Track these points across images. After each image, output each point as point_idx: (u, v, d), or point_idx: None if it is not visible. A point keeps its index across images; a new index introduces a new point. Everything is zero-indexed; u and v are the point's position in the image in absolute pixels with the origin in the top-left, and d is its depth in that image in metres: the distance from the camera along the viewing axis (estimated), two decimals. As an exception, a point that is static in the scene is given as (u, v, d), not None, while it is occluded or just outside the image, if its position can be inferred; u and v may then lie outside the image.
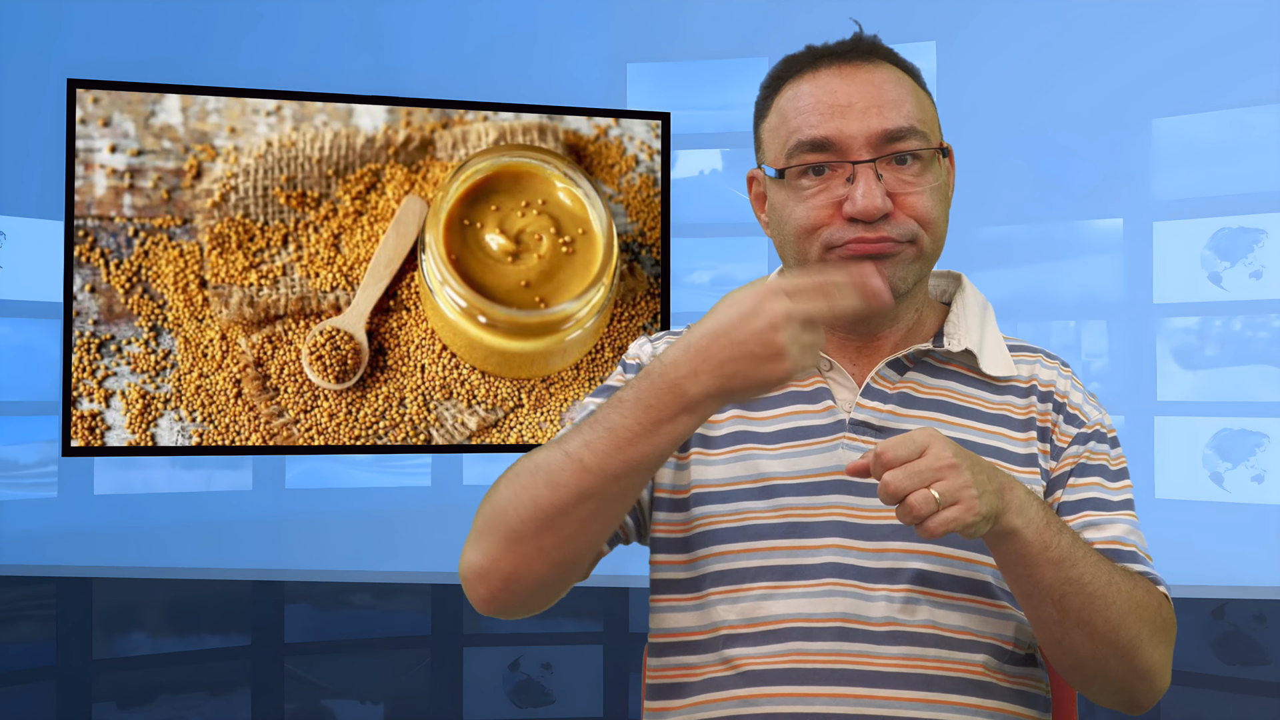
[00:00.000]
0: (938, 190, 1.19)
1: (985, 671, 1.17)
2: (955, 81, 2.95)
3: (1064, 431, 1.23)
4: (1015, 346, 1.29)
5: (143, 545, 3.03)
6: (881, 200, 1.15)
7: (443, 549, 3.11)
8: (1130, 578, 1.14)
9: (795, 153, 1.19)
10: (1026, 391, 1.25)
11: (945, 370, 1.25)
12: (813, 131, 1.18)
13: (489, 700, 3.16)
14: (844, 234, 1.17)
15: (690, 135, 2.99)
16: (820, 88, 1.19)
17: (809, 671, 1.14)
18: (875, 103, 1.17)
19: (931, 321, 1.28)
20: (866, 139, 1.17)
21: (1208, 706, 2.89)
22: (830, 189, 1.18)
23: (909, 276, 1.20)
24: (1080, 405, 1.25)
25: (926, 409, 1.22)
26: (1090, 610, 1.09)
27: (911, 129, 1.18)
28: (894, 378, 1.23)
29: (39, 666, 3.08)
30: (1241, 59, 2.83)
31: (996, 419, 1.23)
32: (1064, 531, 1.10)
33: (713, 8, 3.10)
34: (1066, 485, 1.22)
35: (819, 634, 1.15)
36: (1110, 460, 1.24)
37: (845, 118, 1.17)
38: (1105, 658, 1.12)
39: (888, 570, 1.16)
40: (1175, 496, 2.84)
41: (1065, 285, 2.99)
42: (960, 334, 1.24)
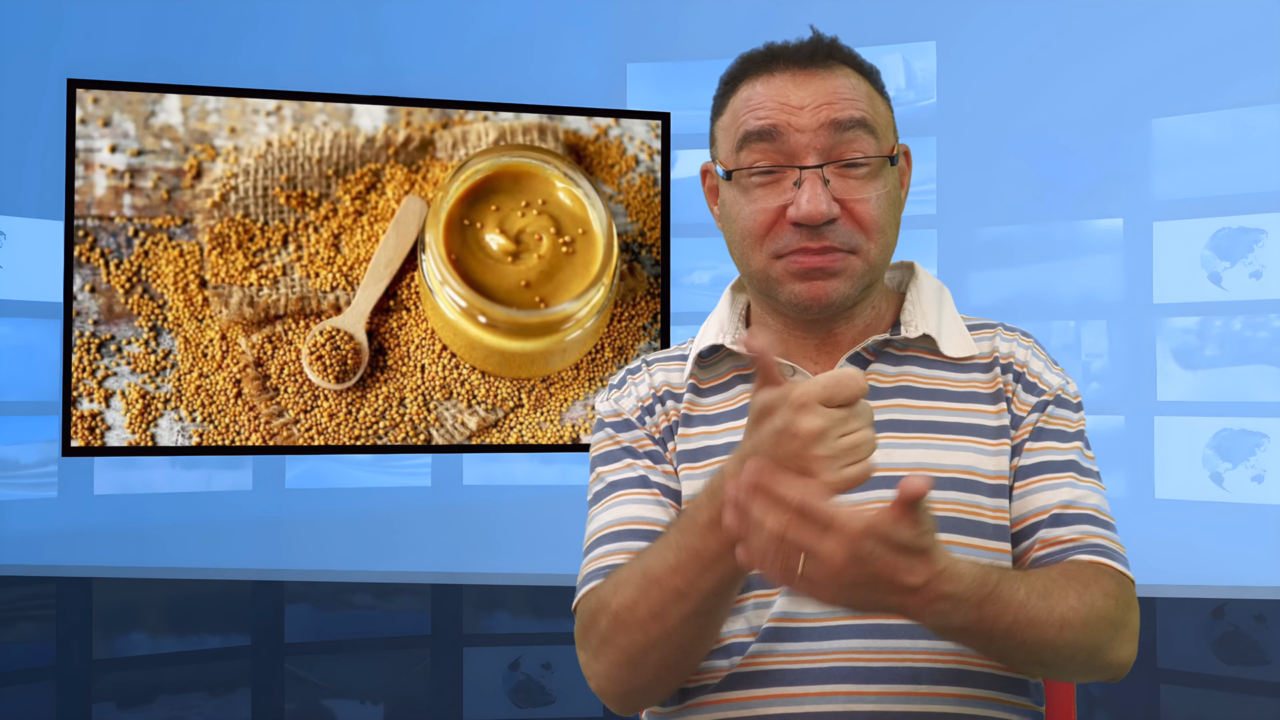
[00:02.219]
0: (886, 197, 1.20)
1: (972, 660, 1.16)
2: (955, 81, 2.95)
3: (1022, 400, 1.23)
4: (974, 325, 1.29)
5: (143, 545, 3.03)
6: (827, 205, 1.17)
7: (443, 549, 3.12)
8: (1076, 588, 1.09)
9: (743, 144, 1.20)
10: (989, 365, 1.25)
11: (905, 357, 1.25)
12: (759, 122, 1.19)
13: (489, 700, 3.16)
14: (789, 241, 1.18)
15: (690, 135, 2.98)
16: (773, 89, 1.20)
17: (799, 672, 1.15)
18: (826, 100, 1.19)
19: (889, 313, 1.29)
20: (814, 133, 1.17)
21: (1208, 706, 2.89)
22: (778, 191, 1.19)
23: (854, 291, 1.21)
24: (1040, 373, 1.25)
25: (892, 396, 1.22)
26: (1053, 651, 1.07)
27: (861, 121, 1.18)
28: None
29: (39, 666, 3.08)
30: (1241, 59, 2.83)
31: (965, 396, 1.23)
32: (998, 585, 1.02)
33: (713, 8, 3.10)
34: (1023, 451, 1.21)
35: (806, 634, 1.15)
36: (1070, 424, 1.24)
37: (795, 114, 1.18)
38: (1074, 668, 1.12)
39: None
40: (1175, 496, 2.84)
41: (1065, 285, 2.99)
42: (916, 320, 1.25)
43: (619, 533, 1.20)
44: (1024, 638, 1.04)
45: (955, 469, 1.18)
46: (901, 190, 1.27)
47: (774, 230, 1.19)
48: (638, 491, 1.22)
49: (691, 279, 3.03)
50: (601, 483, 1.26)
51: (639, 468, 1.24)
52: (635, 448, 1.26)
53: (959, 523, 1.17)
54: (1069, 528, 1.18)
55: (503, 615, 3.29)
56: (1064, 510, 1.19)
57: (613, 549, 1.19)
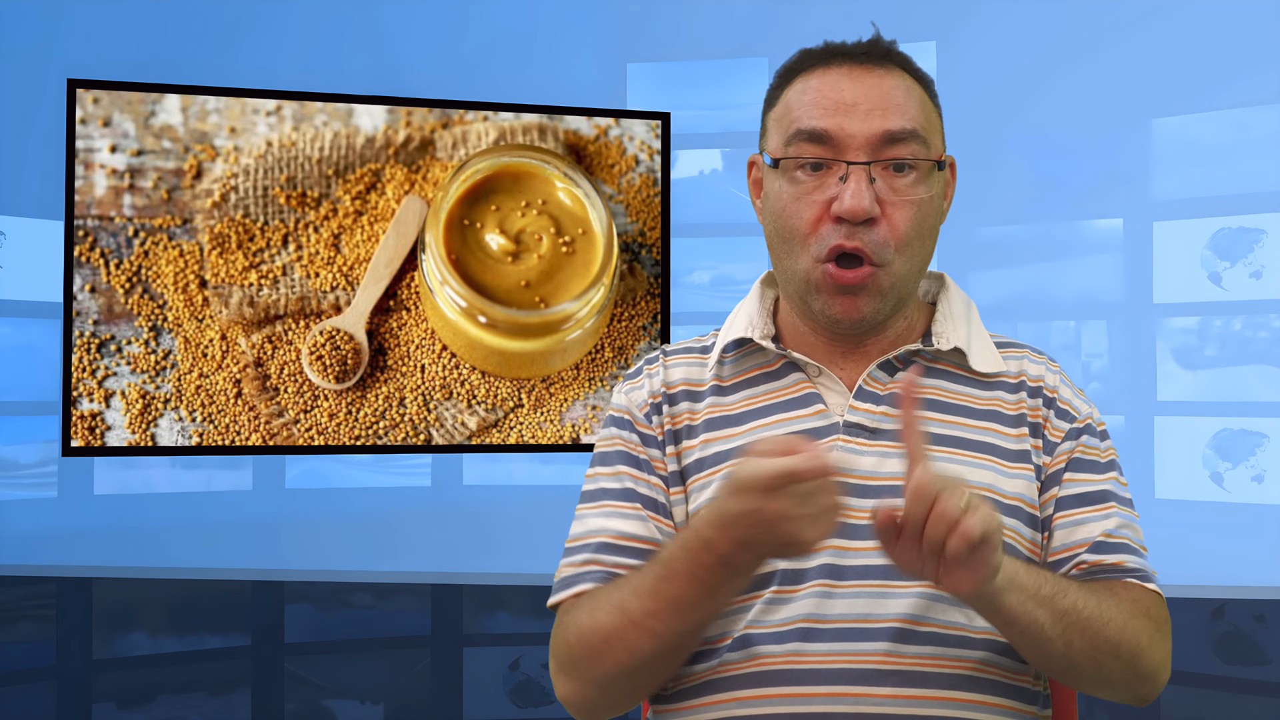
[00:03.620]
0: (927, 205, 1.20)
1: (983, 667, 1.17)
2: (955, 81, 2.95)
3: (1056, 426, 1.25)
4: (1002, 343, 1.30)
5: (143, 545, 3.03)
6: (870, 203, 1.17)
7: (443, 549, 3.12)
8: (1117, 601, 1.15)
9: (794, 141, 1.20)
10: (1016, 387, 1.26)
11: (935, 369, 1.26)
12: (813, 123, 1.19)
13: (489, 700, 3.16)
14: (828, 239, 1.18)
15: (690, 135, 2.99)
16: (829, 85, 1.20)
17: (807, 672, 1.15)
18: (880, 105, 1.19)
19: (919, 322, 1.29)
20: (866, 139, 1.18)
21: (1208, 706, 2.89)
22: (824, 187, 1.19)
23: (884, 308, 1.22)
24: (1070, 400, 1.27)
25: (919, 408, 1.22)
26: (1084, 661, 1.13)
27: (914, 133, 1.19)
28: (885, 379, 1.24)
29: (39, 666, 3.08)
30: (1241, 59, 2.83)
31: (987, 414, 1.24)
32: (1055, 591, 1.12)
33: (713, 8, 3.10)
34: (1062, 481, 1.23)
35: (817, 635, 1.15)
36: (1102, 454, 1.26)
37: (848, 116, 1.19)
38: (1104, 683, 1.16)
39: (884, 568, 1.16)
40: (1175, 496, 2.84)
41: (1065, 285, 2.99)
42: (948, 332, 1.26)
43: (601, 545, 1.22)
44: (1071, 635, 1.10)
45: (977, 486, 1.19)
46: (944, 201, 1.26)
47: (817, 228, 1.19)
48: (622, 505, 1.24)
49: (691, 279, 3.03)
50: (594, 484, 1.27)
51: (627, 479, 1.25)
52: (631, 453, 1.26)
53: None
54: (1110, 555, 1.21)
55: (503, 615, 3.29)
56: (1106, 539, 1.21)
57: (591, 559, 1.22)
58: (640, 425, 1.27)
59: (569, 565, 1.23)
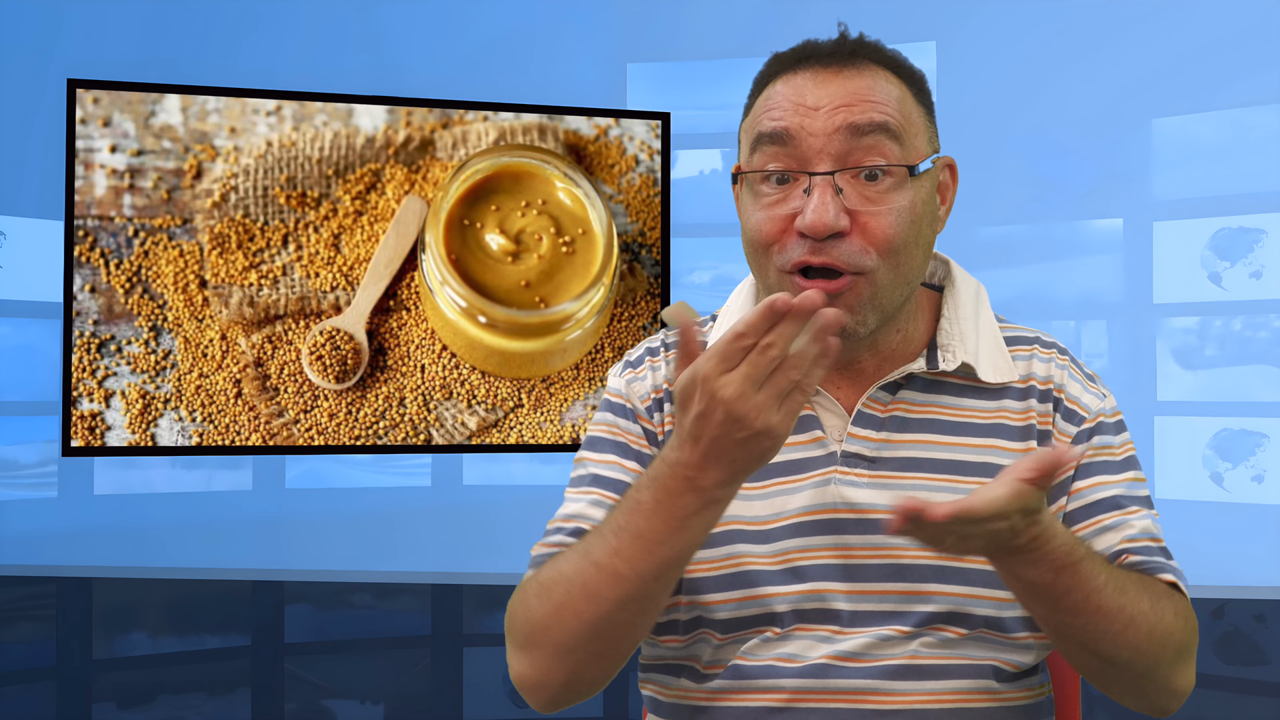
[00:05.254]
0: (907, 211, 1.10)
1: (986, 696, 1.15)
2: (955, 81, 2.95)
3: (1062, 431, 1.18)
4: (1011, 339, 1.22)
5: (143, 545, 3.03)
6: (834, 217, 1.08)
7: (443, 549, 3.12)
8: (1150, 597, 1.09)
9: (757, 147, 1.12)
10: (1024, 394, 1.18)
11: (939, 383, 1.18)
12: (773, 124, 1.11)
13: (489, 700, 3.16)
14: (793, 253, 1.10)
15: (690, 135, 2.99)
16: (793, 89, 1.12)
17: (803, 711, 1.13)
18: (845, 103, 1.10)
19: (924, 326, 1.21)
20: (829, 137, 1.09)
21: (1208, 706, 2.89)
22: (788, 200, 1.11)
23: (866, 320, 1.12)
24: (1078, 397, 1.19)
25: (920, 430, 1.16)
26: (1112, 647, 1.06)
27: (882, 126, 1.10)
28: (885, 399, 1.17)
29: (39, 666, 3.08)
30: (1241, 59, 2.83)
31: (991, 430, 1.17)
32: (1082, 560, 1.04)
33: (713, 8, 3.10)
34: (1070, 491, 1.17)
35: (808, 672, 1.13)
36: (1115, 451, 1.19)
37: (811, 116, 1.10)
38: (1129, 678, 1.10)
39: (888, 613, 1.13)
40: (1175, 496, 2.84)
41: (1065, 285, 2.99)
42: (954, 345, 1.18)
43: (577, 531, 1.17)
44: (1087, 622, 1.03)
45: None
46: (940, 206, 1.17)
47: (782, 240, 1.11)
48: (607, 495, 1.18)
49: (691, 279, 3.03)
50: (584, 469, 1.22)
51: (617, 469, 1.20)
52: (628, 444, 1.22)
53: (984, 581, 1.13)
54: (1138, 557, 1.15)
55: (503, 615, 3.28)
56: (1129, 544, 1.15)
57: (564, 541, 1.17)
58: (643, 419, 1.23)
59: (543, 545, 1.19)
